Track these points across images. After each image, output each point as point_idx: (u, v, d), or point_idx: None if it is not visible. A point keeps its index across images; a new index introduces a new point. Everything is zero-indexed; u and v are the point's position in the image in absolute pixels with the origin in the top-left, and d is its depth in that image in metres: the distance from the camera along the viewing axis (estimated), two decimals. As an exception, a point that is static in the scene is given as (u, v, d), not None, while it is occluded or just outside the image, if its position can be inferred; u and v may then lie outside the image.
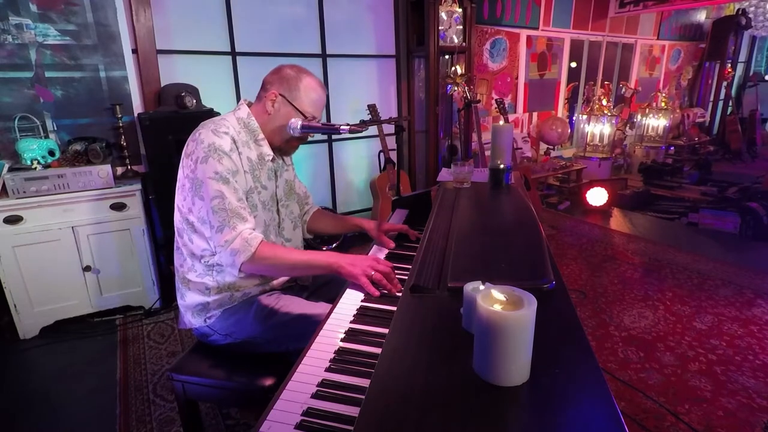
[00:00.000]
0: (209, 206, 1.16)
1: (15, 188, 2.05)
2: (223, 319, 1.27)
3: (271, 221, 1.36)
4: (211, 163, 1.16)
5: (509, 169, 1.69)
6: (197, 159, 1.17)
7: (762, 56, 7.82)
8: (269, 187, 1.34)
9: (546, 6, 4.49)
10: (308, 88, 1.29)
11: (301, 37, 3.12)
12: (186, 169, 1.20)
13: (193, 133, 1.23)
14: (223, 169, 1.17)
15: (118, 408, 1.78)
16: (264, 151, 1.31)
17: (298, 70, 1.30)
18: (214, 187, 1.15)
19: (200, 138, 1.18)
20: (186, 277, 1.28)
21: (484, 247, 1.14)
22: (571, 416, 0.61)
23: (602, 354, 2.06)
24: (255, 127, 1.30)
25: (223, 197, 1.16)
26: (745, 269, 2.94)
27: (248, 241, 1.15)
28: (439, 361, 0.72)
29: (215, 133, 1.19)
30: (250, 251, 1.14)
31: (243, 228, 1.16)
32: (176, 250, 1.31)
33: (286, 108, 1.28)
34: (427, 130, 3.63)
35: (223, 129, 1.21)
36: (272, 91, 1.28)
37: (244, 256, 1.14)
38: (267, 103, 1.28)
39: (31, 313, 2.21)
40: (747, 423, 1.66)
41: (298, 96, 1.28)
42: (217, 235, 1.16)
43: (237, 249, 1.14)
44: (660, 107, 5.76)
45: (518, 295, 0.66)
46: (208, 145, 1.17)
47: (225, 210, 1.15)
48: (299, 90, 1.28)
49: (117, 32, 2.44)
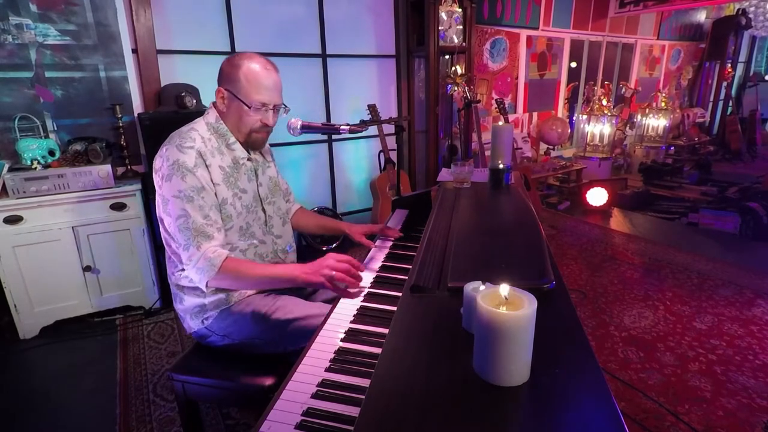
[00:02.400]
0: (174, 224, 1.15)
1: (15, 188, 2.05)
2: (221, 319, 1.27)
3: (256, 221, 1.33)
4: (175, 181, 1.14)
5: (509, 169, 1.69)
6: (163, 176, 1.16)
7: (762, 56, 7.82)
8: (249, 189, 1.31)
9: (546, 6, 4.49)
10: (248, 73, 1.20)
11: (301, 37, 3.12)
12: (156, 185, 1.20)
13: (161, 146, 1.20)
14: (186, 187, 1.14)
15: (118, 408, 1.78)
16: (237, 155, 1.28)
17: (239, 57, 1.23)
18: (179, 206, 1.14)
19: (166, 154, 1.16)
20: (180, 283, 1.28)
21: (484, 247, 1.14)
22: (571, 416, 0.61)
23: (602, 354, 2.06)
24: (224, 131, 1.26)
25: (187, 216, 1.14)
26: (745, 269, 2.94)
27: (211, 260, 1.13)
28: (439, 361, 0.72)
29: (179, 149, 1.16)
30: (213, 270, 1.13)
31: (208, 246, 1.14)
32: (167, 259, 1.30)
33: (234, 102, 1.23)
34: (427, 130, 3.63)
35: (188, 143, 1.18)
36: (219, 87, 1.25)
37: (208, 276, 1.14)
38: (218, 101, 1.26)
39: (31, 313, 2.21)
40: (747, 423, 1.66)
41: (240, 87, 1.21)
42: (183, 253, 1.16)
43: (201, 268, 1.13)
44: (660, 107, 5.76)
45: (518, 295, 0.66)
46: (172, 163, 1.15)
47: (189, 229, 1.14)
48: (239, 80, 1.21)
49: (117, 32, 2.44)
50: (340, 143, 3.51)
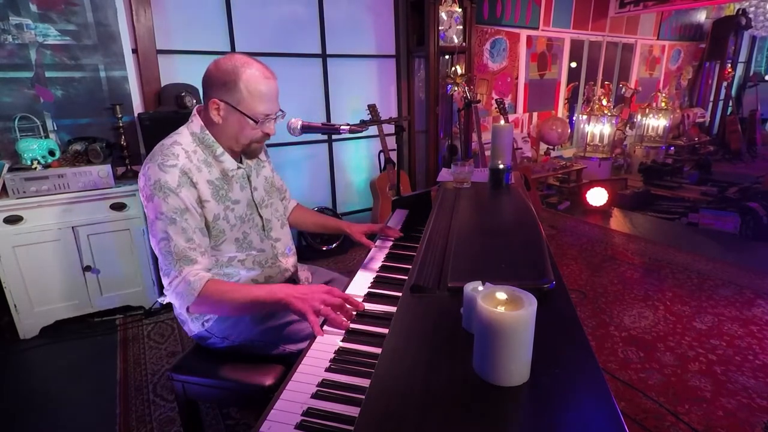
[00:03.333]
0: (157, 247, 1.10)
1: (15, 188, 2.05)
2: (221, 321, 1.26)
3: (253, 228, 1.28)
4: (156, 202, 1.07)
5: (509, 169, 1.69)
6: (146, 196, 1.10)
7: (762, 56, 7.82)
8: (243, 197, 1.25)
9: (546, 6, 4.49)
10: (250, 83, 1.11)
11: (301, 37, 3.12)
12: (142, 202, 1.14)
13: (144, 163, 1.13)
14: (168, 209, 1.07)
15: (118, 408, 1.78)
16: (226, 167, 1.20)
17: (234, 62, 1.12)
18: (161, 228, 1.08)
19: (148, 173, 1.09)
20: None
21: (484, 247, 1.14)
22: (571, 416, 0.61)
23: (602, 354, 2.06)
24: (211, 143, 1.17)
25: (168, 239, 1.08)
26: (745, 269, 2.94)
27: (191, 284, 1.07)
28: (439, 361, 0.72)
29: (161, 168, 1.08)
30: (193, 295, 1.07)
31: (189, 270, 1.08)
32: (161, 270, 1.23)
33: (234, 115, 1.14)
34: (427, 130, 3.63)
35: (170, 162, 1.09)
36: (212, 99, 1.13)
37: (187, 301, 1.08)
38: (212, 113, 1.14)
39: (31, 313, 2.21)
40: (747, 423, 1.66)
41: (241, 98, 1.12)
42: (164, 277, 1.11)
43: (180, 293, 1.08)
44: (660, 107, 5.76)
45: (518, 295, 0.66)
46: (153, 183, 1.07)
47: (171, 253, 1.08)
48: (240, 91, 1.11)
49: (117, 32, 2.44)
50: (340, 143, 3.51)
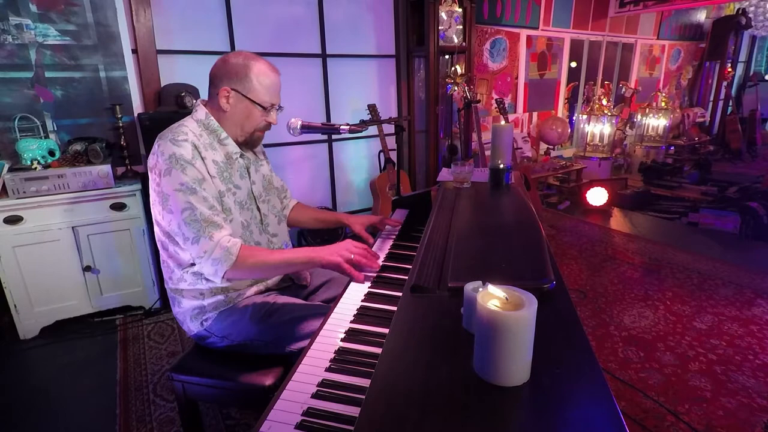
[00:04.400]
0: (180, 219, 1.12)
1: (15, 188, 2.05)
2: (220, 321, 1.27)
3: (252, 219, 1.33)
4: (175, 174, 1.12)
5: (509, 169, 1.69)
6: (160, 172, 1.13)
7: (762, 56, 7.82)
8: (243, 186, 1.30)
9: (546, 6, 4.49)
10: (260, 75, 1.22)
11: (301, 37, 3.12)
12: (153, 183, 1.17)
13: (154, 145, 1.18)
14: (188, 179, 1.13)
15: (118, 408, 1.78)
16: (230, 150, 1.27)
17: (244, 57, 1.23)
18: (182, 199, 1.12)
19: (160, 150, 1.14)
20: (178, 287, 1.27)
21: (484, 247, 1.14)
22: (572, 416, 0.60)
23: (602, 354, 2.06)
24: (216, 127, 1.25)
25: (193, 208, 1.12)
26: (745, 269, 2.94)
27: (228, 249, 1.12)
28: (440, 361, 0.72)
29: (174, 143, 1.15)
30: (232, 259, 1.12)
31: (220, 236, 1.13)
32: (162, 263, 1.28)
33: (243, 103, 1.23)
34: (427, 130, 3.63)
35: (181, 137, 1.16)
36: (223, 87, 1.21)
37: (227, 265, 1.12)
38: (221, 101, 1.22)
39: (31, 313, 2.21)
40: (747, 423, 1.66)
41: (251, 87, 1.22)
42: (194, 247, 1.13)
43: (218, 258, 1.11)
44: (660, 107, 5.75)
45: (518, 295, 0.66)
46: (168, 156, 1.13)
47: (197, 221, 1.12)
48: (251, 80, 1.21)
49: (117, 32, 2.44)
50: (340, 143, 3.51)
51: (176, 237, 1.17)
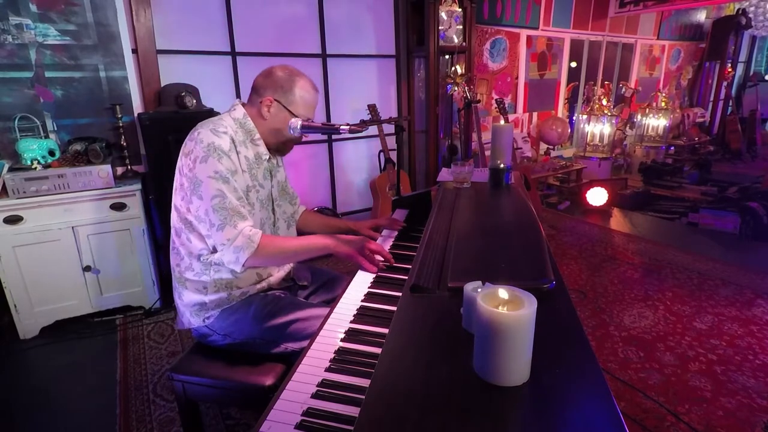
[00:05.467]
0: (209, 205, 1.16)
1: (15, 188, 2.05)
2: (222, 319, 1.27)
3: (267, 220, 1.37)
4: (211, 162, 1.17)
5: (509, 169, 1.69)
6: (196, 158, 1.17)
7: (762, 56, 7.82)
8: (266, 186, 1.36)
9: (546, 6, 4.49)
10: (303, 90, 1.30)
11: (301, 37, 3.12)
12: (185, 168, 1.20)
13: (192, 132, 1.23)
14: (223, 168, 1.18)
15: (118, 408, 1.78)
16: (260, 151, 1.32)
17: (290, 72, 1.31)
18: (215, 186, 1.16)
19: (199, 137, 1.19)
20: (183, 276, 1.28)
21: (484, 247, 1.14)
22: (572, 416, 0.61)
23: (602, 354, 2.06)
24: (251, 128, 1.31)
25: (223, 196, 1.17)
26: (745, 269, 2.94)
27: (251, 237, 1.17)
28: (439, 361, 0.72)
29: (214, 133, 1.20)
30: (253, 247, 1.17)
31: (244, 225, 1.18)
32: (172, 250, 1.31)
33: (282, 113, 1.29)
34: (427, 130, 3.63)
35: (222, 129, 1.22)
36: (267, 96, 1.28)
37: (248, 253, 1.16)
38: (263, 109, 1.29)
39: (31, 313, 2.21)
40: (747, 423, 1.66)
41: (293, 100, 1.29)
42: (218, 233, 1.17)
43: (240, 246, 1.16)
44: (660, 107, 5.75)
45: (518, 295, 0.66)
46: (207, 145, 1.17)
47: (225, 209, 1.16)
48: (294, 94, 1.29)
49: (117, 32, 2.44)
50: (340, 143, 3.51)
51: (200, 223, 1.20)
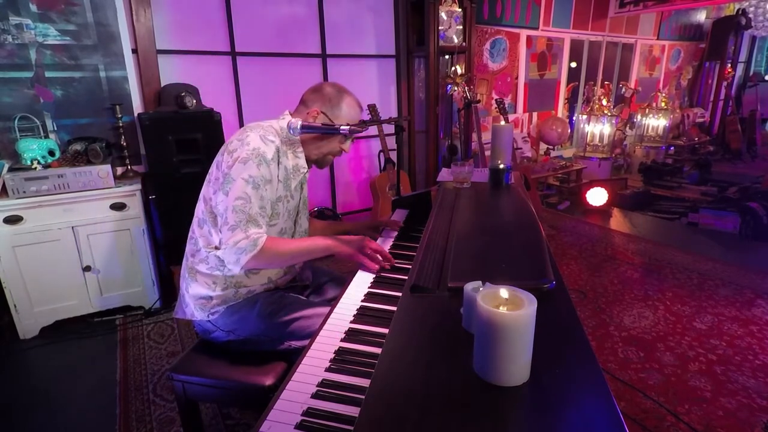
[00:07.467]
0: (230, 203, 1.17)
1: (15, 188, 2.05)
2: (227, 315, 1.28)
3: (288, 230, 1.38)
4: (250, 165, 1.18)
5: (509, 169, 1.70)
6: (238, 158, 1.19)
7: (762, 56, 7.82)
8: (296, 197, 1.38)
9: (546, 6, 4.49)
10: (349, 107, 1.36)
11: (301, 37, 3.12)
12: (223, 164, 1.22)
13: (241, 132, 1.25)
14: (258, 174, 1.19)
15: (118, 408, 1.78)
16: (300, 163, 1.35)
17: (338, 89, 1.38)
18: (243, 189, 1.17)
19: (247, 140, 1.21)
20: (195, 267, 1.29)
21: (484, 247, 1.14)
22: (572, 416, 0.61)
23: (602, 354, 2.06)
24: (296, 139, 1.33)
25: (248, 201, 1.17)
26: (745, 269, 2.94)
27: (255, 240, 1.17)
28: (439, 361, 0.72)
29: (263, 140, 1.22)
30: (255, 250, 1.16)
31: (253, 232, 1.18)
32: (190, 240, 1.32)
33: None
34: (427, 130, 3.63)
35: (270, 137, 1.24)
36: (315, 108, 1.33)
37: (250, 255, 1.16)
38: (308, 119, 1.32)
39: (31, 313, 2.21)
40: (747, 423, 1.66)
41: (339, 114, 1.34)
42: (227, 233, 1.17)
43: (243, 248, 1.16)
44: (660, 107, 5.76)
45: (518, 295, 0.66)
46: (253, 149, 1.19)
47: (245, 213, 1.17)
48: (341, 109, 1.34)
49: (117, 32, 2.44)
50: (340, 143, 3.51)
51: (207, 222, 1.23)
